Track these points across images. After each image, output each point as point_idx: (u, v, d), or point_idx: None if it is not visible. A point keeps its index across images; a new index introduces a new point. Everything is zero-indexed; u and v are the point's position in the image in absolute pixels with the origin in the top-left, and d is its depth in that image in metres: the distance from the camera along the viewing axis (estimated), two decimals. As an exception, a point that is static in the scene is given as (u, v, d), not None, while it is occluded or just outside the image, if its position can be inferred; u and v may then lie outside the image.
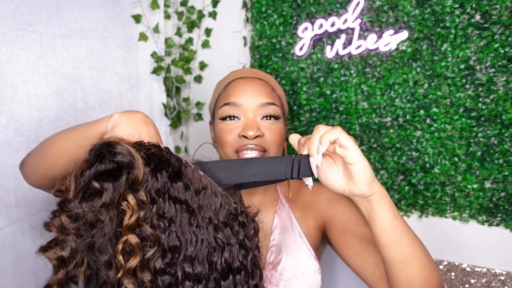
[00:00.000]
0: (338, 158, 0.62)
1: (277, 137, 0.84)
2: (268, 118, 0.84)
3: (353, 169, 0.59)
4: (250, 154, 0.82)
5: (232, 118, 0.84)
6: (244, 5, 1.34)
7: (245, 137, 0.81)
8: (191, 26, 1.41)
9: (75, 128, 0.64)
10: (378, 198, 0.61)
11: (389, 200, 0.62)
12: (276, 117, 0.84)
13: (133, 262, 0.46)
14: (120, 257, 0.46)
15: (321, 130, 0.58)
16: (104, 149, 0.48)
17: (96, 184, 0.47)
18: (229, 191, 0.57)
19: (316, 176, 0.60)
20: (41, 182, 0.70)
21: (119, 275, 0.46)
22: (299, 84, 1.28)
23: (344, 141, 0.57)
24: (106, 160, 0.48)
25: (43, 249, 0.48)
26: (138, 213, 0.47)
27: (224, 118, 0.84)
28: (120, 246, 0.46)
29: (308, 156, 0.59)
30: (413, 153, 1.18)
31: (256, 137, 0.81)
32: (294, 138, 0.65)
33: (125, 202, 0.47)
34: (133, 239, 0.46)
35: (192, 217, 0.50)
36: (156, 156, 0.50)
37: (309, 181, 0.62)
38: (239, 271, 0.53)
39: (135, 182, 0.47)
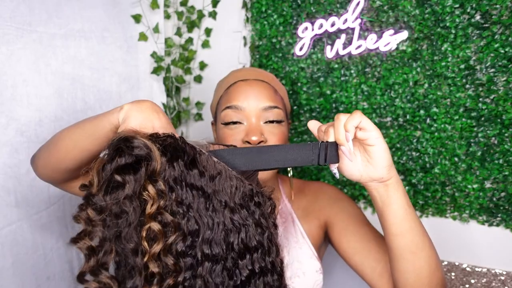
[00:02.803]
0: (355, 143, 0.63)
1: (280, 141, 0.83)
2: (271, 122, 0.83)
3: (373, 151, 0.59)
4: None
5: (234, 123, 0.83)
6: (244, 5, 1.34)
7: (248, 142, 0.81)
8: (191, 26, 1.41)
9: (86, 121, 0.65)
10: (395, 183, 0.62)
11: (403, 187, 0.63)
12: (279, 121, 0.84)
13: (157, 247, 0.50)
14: (145, 243, 0.50)
15: (342, 119, 0.59)
16: (122, 144, 0.51)
17: (118, 178, 0.50)
18: (245, 174, 0.59)
19: (351, 160, 0.60)
20: (52, 176, 0.71)
21: (144, 260, 0.50)
22: (299, 84, 1.28)
23: (366, 124, 0.58)
24: (125, 154, 0.50)
25: (74, 240, 0.52)
26: (159, 202, 0.50)
27: (227, 124, 0.84)
28: (144, 233, 0.50)
29: (334, 143, 0.59)
30: (413, 153, 1.18)
31: (259, 142, 0.81)
32: (314, 125, 0.65)
33: (146, 192, 0.50)
34: (155, 226, 0.50)
35: (208, 201, 0.53)
36: (172, 146, 0.53)
37: (336, 168, 0.62)
38: (256, 249, 0.56)
39: (154, 172, 0.50)
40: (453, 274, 1.19)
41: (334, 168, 0.62)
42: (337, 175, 0.62)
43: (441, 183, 1.16)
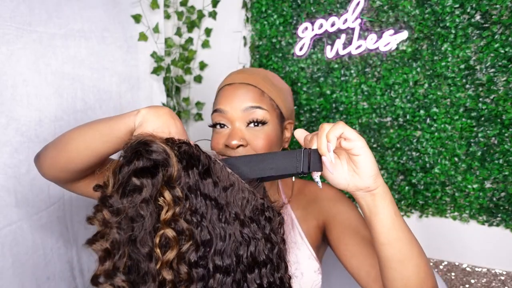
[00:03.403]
0: (341, 152, 0.63)
1: (264, 145, 0.81)
2: (255, 124, 0.81)
3: (358, 160, 0.59)
4: None
5: (222, 126, 0.83)
6: (244, 5, 1.34)
7: (228, 146, 0.80)
8: (191, 26, 1.41)
9: (100, 123, 0.64)
10: (382, 193, 0.61)
11: (391, 196, 0.63)
12: (263, 122, 0.82)
13: (171, 254, 0.49)
14: (158, 250, 0.49)
15: (325, 128, 0.59)
16: (141, 148, 0.51)
17: (136, 181, 0.50)
18: (252, 185, 0.58)
19: (331, 171, 0.60)
20: (58, 176, 0.71)
21: (157, 266, 0.49)
22: (299, 84, 1.28)
23: (348, 133, 0.58)
24: (143, 158, 0.50)
25: (90, 242, 0.51)
26: (174, 209, 0.50)
27: (214, 126, 0.84)
28: (157, 239, 0.49)
29: (316, 150, 0.59)
30: (413, 153, 1.18)
31: (238, 146, 0.80)
32: (300, 134, 0.65)
33: (162, 198, 0.50)
34: (170, 232, 0.49)
35: (221, 213, 0.53)
36: (187, 154, 0.53)
37: (318, 177, 0.62)
38: (265, 264, 0.55)
39: (171, 179, 0.50)
40: (453, 274, 1.19)
41: (316, 176, 0.62)
42: (319, 184, 0.62)
43: (441, 183, 1.16)
